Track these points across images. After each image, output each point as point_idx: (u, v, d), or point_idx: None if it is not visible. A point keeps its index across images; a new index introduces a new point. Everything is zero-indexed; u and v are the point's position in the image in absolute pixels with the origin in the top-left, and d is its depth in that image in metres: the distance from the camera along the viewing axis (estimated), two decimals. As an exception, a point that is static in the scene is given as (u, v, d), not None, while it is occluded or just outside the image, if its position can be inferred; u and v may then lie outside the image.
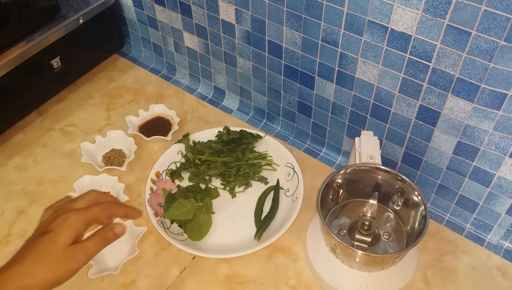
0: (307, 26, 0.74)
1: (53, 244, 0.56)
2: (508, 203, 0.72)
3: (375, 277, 0.69)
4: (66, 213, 0.58)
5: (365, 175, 0.71)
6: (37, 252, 0.55)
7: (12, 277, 0.54)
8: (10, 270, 0.54)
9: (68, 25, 0.93)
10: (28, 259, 0.55)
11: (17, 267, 0.54)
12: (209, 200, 0.79)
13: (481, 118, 0.65)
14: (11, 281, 0.53)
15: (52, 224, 0.57)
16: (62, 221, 0.57)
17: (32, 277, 0.54)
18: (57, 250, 0.56)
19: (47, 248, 0.55)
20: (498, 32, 0.56)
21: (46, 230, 0.57)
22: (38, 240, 0.56)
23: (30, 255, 0.55)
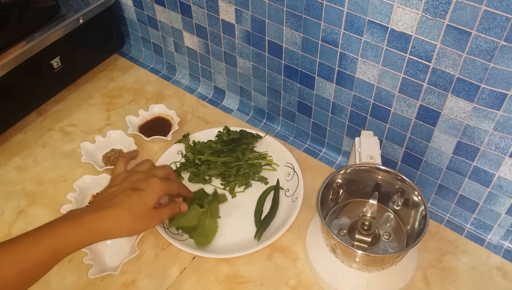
0: (307, 26, 0.74)
1: (143, 202, 0.64)
2: (508, 203, 0.72)
3: (375, 277, 0.69)
4: (154, 179, 0.66)
5: (365, 175, 0.71)
6: (129, 204, 0.62)
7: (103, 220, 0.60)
8: (102, 212, 0.61)
9: (68, 25, 0.93)
10: (120, 209, 0.61)
11: (109, 211, 0.61)
12: (216, 205, 0.79)
13: (481, 118, 0.65)
14: (102, 223, 0.60)
15: (142, 184, 0.65)
16: (151, 184, 0.65)
17: (121, 223, 0.61)
18: (145, 208, 0.64)
19: (138, 204, 0.63)
20: (498, 32, 0.56)
21: (137, 188, 0.65)
22: (130, 194, 0.63)
23: (123, 205, 0.62)
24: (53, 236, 0.57)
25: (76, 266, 0.74)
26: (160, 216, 0.68)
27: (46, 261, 0.56)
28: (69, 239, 0.57)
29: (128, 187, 0.65)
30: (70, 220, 0.59)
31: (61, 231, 0.58)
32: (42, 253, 0.55)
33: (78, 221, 0.59)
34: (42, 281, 0.72)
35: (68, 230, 0.58)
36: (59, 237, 0.57)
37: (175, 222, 0.75)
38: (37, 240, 0.56)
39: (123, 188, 0.65)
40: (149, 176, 0.67)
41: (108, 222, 0.61)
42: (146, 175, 0.67)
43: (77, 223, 0.59)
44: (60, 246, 0.57)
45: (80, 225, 0.59)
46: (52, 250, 0.56)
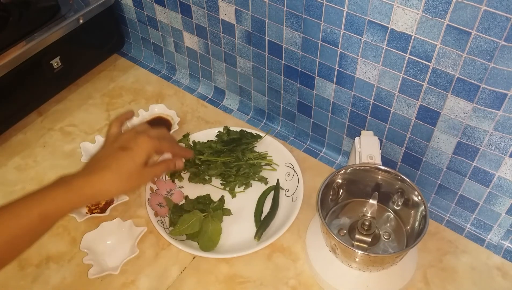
0: (307, 26, 0.74)
1: (133, 162, 0.62)
2: (508, 203, 0.72)
3: (375, 277, 0.69)
4: (143, 137, 0.64)
5: (365, 175, 0.71)
6: (118, 165, 0.61)
7: (92, 183, 0.60)
8: (92, 176, 0.60)
9: (68, 25, 0.93)
10: (109, 170, 0.61)
11: (99, 175, 0.60)
12: (220, 212, 0.78)
13: (481, 118, 0.65)
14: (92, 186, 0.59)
15: (131, 143, 0.63)
16: (140, 143, 0.64)
17: (111, 185, 0.61)
18: (135, 167, 0.62)
19: (127, 164, 0.62)
20: (498, 32, 0.56)
21: (126, 147, 0.63)
22: (119, 155, 0.62)
23: (112, 166, 0.61)
24: (42, 202, 0.56)
25: (76, 266, 0.74)
26: (152, 173, 0.66)
27: (36, 226, 0.56)
28: (59, 204, 0.57)
29: (117, 147, 0.64)
30: (60, 186, 0.58)
31: (51, 196, 0.57)
32: (32, 219, 0.55)
33: (68, 186, 0.59)
34: (42, 281, 0.73)
35: (58, 195, 0.57)
36: (49, 202, 0.57)
37: (176, 231, 0.75)
38: (27, 206, 0.56)
39: (112, 149, 0.64)
40: (138, 134, 0.65)
41: (98, 186, 0.60)
42: (136, 133, 0.65)
43: (67, 188, 0.58)
44: (50, 211, 0.57)
45: (69, 190, 0.58)
46: (42, 215, 0.56)
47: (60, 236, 0.78)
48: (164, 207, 0.80)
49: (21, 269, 0.74)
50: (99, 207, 0.82)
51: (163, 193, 0.82)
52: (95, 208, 0.81)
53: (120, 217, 0.78)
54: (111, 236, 0.77)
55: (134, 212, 0.81)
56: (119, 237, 0.77)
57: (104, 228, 0.76)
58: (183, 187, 0.85)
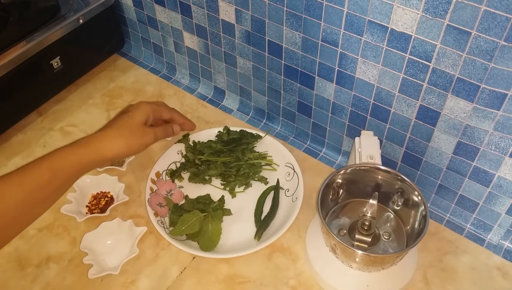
0: (307, 26, 0.74)
1: (132, 120, 0.70)
2: (508, 203, 0.72)
3: (375, 277, 0.69)
4: (141, 102, 0.75)
5: (365, 175, 0.71)
6: (119, 123, 0.69)
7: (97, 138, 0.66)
8: (96, 134, 0.67)
9: (68, 25, 0.93)
10: (111, 129, 0.68)
11: (101, 133, 0.67)
12: (220, 212, 0.78)
13: (481, 118, 0.65)
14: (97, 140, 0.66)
15: (131, 108, 0.73)
16: (137, 106, 0.73)
17: (114, 139, 0.67)
18: (135, 124, 0.70)
19: (127, 122, 0.70)
20: (498, 32, 0.56)
21: (125, 111, 0.72)
22: (119, 117, 0.71)
23: (113, 126, 0.69)
24: (51, 156, 0.62)
25: (76, 266, 0.74)
26: (153, 133, 0.73)
27: (48, 181, 0.60)
28: (67, 157, 0.62)
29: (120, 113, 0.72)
30: (68, 144, 0.65)
31: (59, 151, 0.63)
32: (43, 173, 0.59)
33: (75, 142, 0.65)
34: (42, 281, 0.73)
35: (65, 149, 0.63)
36: (57, 156, 0.62)
37: (176, 231, 0.75)
38: (38, 162, 0.61)
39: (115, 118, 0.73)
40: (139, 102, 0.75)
41: (102, 140, 0.66)
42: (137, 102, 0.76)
43: (74, 144, 0.65)
44: (60, 165, 0.61)
45: (76, 145, 0.64)
46: (52, 169, 0.60)
47: (60, 236, 0.79)
48: (164, 207, 0.80)
49: (21, 269, 0.74)
50: (99, 207, 0.82)
51: (163, 193, 0.82)
52: (95, 208, 0.81)
53: (120, 217, 0.78)
54: (111, 236, 0.77)
55: (134, 212, 0.81)
56: (119, 237, 0.77)
57: (104, 228, 0.76)
58: (183, 187, 0.85)
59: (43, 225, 0.80)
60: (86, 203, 0.82)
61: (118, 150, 0.68)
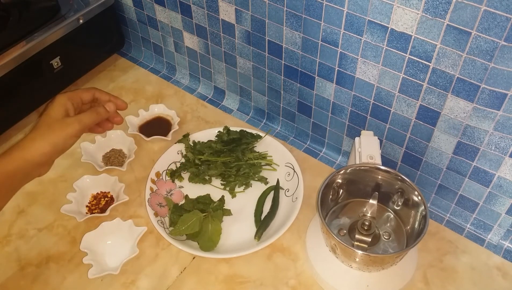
0: (307, 26, 0.74)
1: (48, 117, 0.66)
2: (508, 203, 0.72)
3: (375, 277, 0.69)
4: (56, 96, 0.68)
5: (365, 175, 0.71)
6: (37, 124, 0.66)
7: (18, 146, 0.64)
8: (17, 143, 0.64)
9: (68, 25, 0.93)
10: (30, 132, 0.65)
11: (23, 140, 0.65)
12: (220, 212, 0.78)
13: (481, 118, 0.65)
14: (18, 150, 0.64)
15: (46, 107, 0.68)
16: (51, 100, 0.68)
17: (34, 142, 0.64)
18: (52, 120, 0.66)
19: (44, 120, 0.66)
20: (498, 32, 0.56)
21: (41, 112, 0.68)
22: (38, 120, 0.67)
23: (32, 130, 0.66)
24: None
25: (76, 266, 0.74)
26: (76, 121, 0.67)
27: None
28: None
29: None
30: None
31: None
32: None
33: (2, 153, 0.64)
34: (42, 281, 0.73)
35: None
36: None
37: (176, 231, 0.75)
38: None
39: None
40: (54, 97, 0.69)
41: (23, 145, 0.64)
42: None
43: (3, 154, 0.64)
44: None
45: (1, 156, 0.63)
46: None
47: (60, 236, 0.78)
48: (164, 207, 0.80)
49: (21, 269, 0.74)
50: (99, 207, 0.82)
51: (163, 193, 0.82)
52: (95, 208, 0.81)
53: (120, 217, 0.78)
54: (111, 236, 0.77)
55: (134, 212, 0.81)
56: (119, 237, 0.77)
57: (104, 228, 0.76)
58: (183, 187, 0.85)
59: (43, 225, 0.80)
60: (86, 203, 0.82)
61: (42, 150, 0.64)
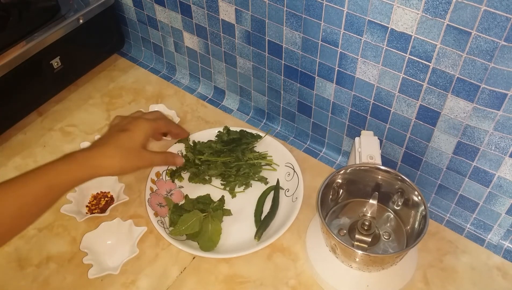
0: (307, 26, 0.74)
1: (131, 140, 0.69)
2: (508, 203, 0.72)
3: (375, 277, 0.69)
4: (141, 120, 0.72)
5: (365, 175, 0.71)
6: (117, 142, 0.67)
7: (93, 156, 0.65)
8: (92, 151, 0.66)
9: (68, 25, 0.93)
10: (109, 146, 0.67)
11: (99, 149, 0.66)
12: (220, 212, 0.78)
13: (481, 118, 0.65)
14: (92, 159, 0.65)
15: (129, 125, 0.70)
16: (137, 124, 0.71)
17: (110, 159, 0.66)
18: (133, 146, 0.69)
19: (126, 142, 0.68)
20: (498, 32, 0.56)
21: (125, 129, 0.69)
22: (119, 135, 0.69)
23: (111, 143, 0.67)
24: (48, 172, 0.61)
25: (76, 266, 0.74)
26: (150, 158, 0.72)
27: (44, 195, 0.61)
28: (63, 174, 0.62)
29: (117, 130, 0.70)
30: (64, 158, 0.64)
31: (56, 167, 0.62)
32: (40, 187, 0.60)
33: (71, 158, 0.64)
34: (42, 281, 0.73)
35: (62, 166, 0.63)
36: (54, 172, 0.62)
37: (176, 231, 0.74)
38: (35, 176, 0.61)
39: (112, 132, 0.70)
40: (137, 117, 0.73)
41: (98, 158, 0.65)
42: (134, 118, 0.73)
43: (70, 160, 0.64)
44: (56, 181, 0.61)
45: (72, 162, 0.64)
46: (49, 184, 0.60)
47: (60, 236, 0.79)
48: (164, 207, 0.80)
49: (21, 269, 0.74)
50: (99, 207, 0.82)
51: (163, 193, 0.82)
52: (95, 208, 0.81)
53: (120, 217, 0.78)
54: (111, 236, 0.77)
55: (134, 212, 0.81)
56: (119, 237, 0.77)
57: (104, 228, 0.76)
58: (183, 187, 0.85)
59: (43, 225, 0.80)
60: (86, 203, 0.82)
61: (112, 170, 0.67)
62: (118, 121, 0.73)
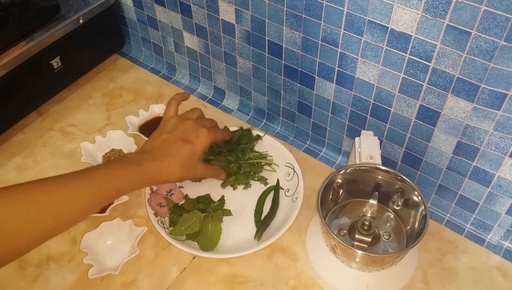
0: (307, 26, 0.74)
1: (193, 156, 0.72)
2: (508, 203, 0.72)
3: (375, 277, 0.69)
4: (202, 130, 0.74)
5: (365, 175, 0.71)
6: (181, 156, 0.71)
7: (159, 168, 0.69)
8: (159, 162, 0.69)
9: (68, 25, 0.93)
10: (174, 160, 0.70)
11: (165, 162, 0.69)
12: (220, 212, 0.78)
13: (481, 118, 0.65)
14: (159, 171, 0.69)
15: (192, 136, 0.73)
16: (200, 136, 0.73)
17: (173, 172, 0.70)
18: (193, 160, 0.72)
19: (188, 157, 0.71)
20: (498, 32, 0.56)
21: (188, 139, 0.72)
22: (182, 146, 0.71)
23: (176, 156, 0.70)
24: (119, 178, 0.65)
25: (76, 266, 0.74)
26: (203, 171, 0.76)
27: (111, 196, 0.66)
28: (132, 181, 0.67)
29: (179, 137, 0.72)
30: (133, 166, 0.67)
31: (127, 174, 0.66)
32: (111, 190, 0.64)
33: (140, 167, 0.67)
34: (42, 281, 0.73)
35: (132, 175, 0.67)
36: (124, 179, 0.66)
37: (176, 231, 0.74)
38: (107, 180, 0.64)
39: (175, 138, 0.72)
40: (198, 126, 0.74)
41: (163, 171, 0.69)
42: (195, 125, 0.74)
43: (140, 169, 0.67)
44: (124, 187, 0.66)
45: (141, 171, 0.67)
46: (118, 188, 0.65)
47: (60, 236, 0.78)
48: (164, 207, 0.80)
49: (21, 269, 0.74)
50: (99, 207, 0.82)
51: (163, 193, 0.82)
52: (95, 208, 0.81)
53: (120, 217, 0.78)
54: (111, 236, 0.77)
55: (134, 212, 0.81)
56: (119, 237, 0.77)
57: (104, 228, 0.76)
58: (183, 187, 0.85)
59: (43, 225, 0.80)
60: (86, 203, 0.82)
61: (170, 180, 0.73)
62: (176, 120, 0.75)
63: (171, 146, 0.71)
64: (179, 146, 0.71)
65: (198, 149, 0.72)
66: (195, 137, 0.73)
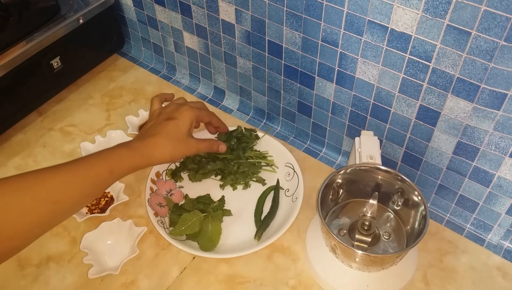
0: (307, 26, 0.74)
1: (179, 129, 0.72)
2: (508, 203, 0.72)
3: (375, 277, 0.69)
4: (185, 107, 0.75)
5: (365, 175, 0.71)
6: (167, 132, 0.71)
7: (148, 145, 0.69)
8: (146, 141, 0.70)
9: (68, 25, 0.93)
10: (160, 136, 0.70)
11: (152, 139, 0.70)
12: (220, 213, 0.78)
13: (481, 118, 0.65)
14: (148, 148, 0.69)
15: (175, 113, 0.74)
16: (183, 112, 0.74)
17: (163, 148, 0.70)
18: (181, 134, 0.73)
19: (174, 130, 0.72)
20: (498, 32, 0.56)
21: (171, 117, 0.73)
22: (167, 124, 0.72)
23: (162, 134, 0.71)
24: (110, 158, 0.66)
25: (76, 266, 0.74)
26: (197, 146, 0.75)
27: (105, 179, 0.65)
28: (123, 160, 0.66)
29: (164, 118, 0.73)
30: (121, 146, 0.68)
31: (116, 154, 0.66)
32: (103, 171, 0.64)
33: (128, 147, 0.68)
34: (42, 281, 0.73)
35: (121, 153, 0.67)
36: (115, 158, 0.66)
37: (176, 231, 0.74)
38: (98, 161, 0.65)
39: (160, 120, 0.73)
40: (180, 105, 0.75)
41: (152, 148, 0.69)
42: (178, 105, 0.76)
43: (129, 148, 0.68)
44: (117, 166, 0.65)
45: (130, 149, 0.68)
46: (110, 169, 0.65)
47: (60, 236, 0.79)
48: (164, 207, 0.80)
49: (21, 269, 0.74)
50: (99, 207, 0.82)
51: (163, 193, 0.82)
52: (95, 208, 0.81)
53: (120, 217, 0.78)
54: (111, 236, 0.77)
55: (134, 212, 0.81)
56: (119, 237, 0.77)
57: (104, 228, 0.76)
58: (183, 187, 0.85)
59: (43, 225, 0.80)
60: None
61: (163, 158, 0.71)
62: (162, 108, 0.77)
63: (156, 127, 0.72)
64: (164, 125, 0.72)
65: (183, 123, 0.73)
66: (178, 113, 0.74)
